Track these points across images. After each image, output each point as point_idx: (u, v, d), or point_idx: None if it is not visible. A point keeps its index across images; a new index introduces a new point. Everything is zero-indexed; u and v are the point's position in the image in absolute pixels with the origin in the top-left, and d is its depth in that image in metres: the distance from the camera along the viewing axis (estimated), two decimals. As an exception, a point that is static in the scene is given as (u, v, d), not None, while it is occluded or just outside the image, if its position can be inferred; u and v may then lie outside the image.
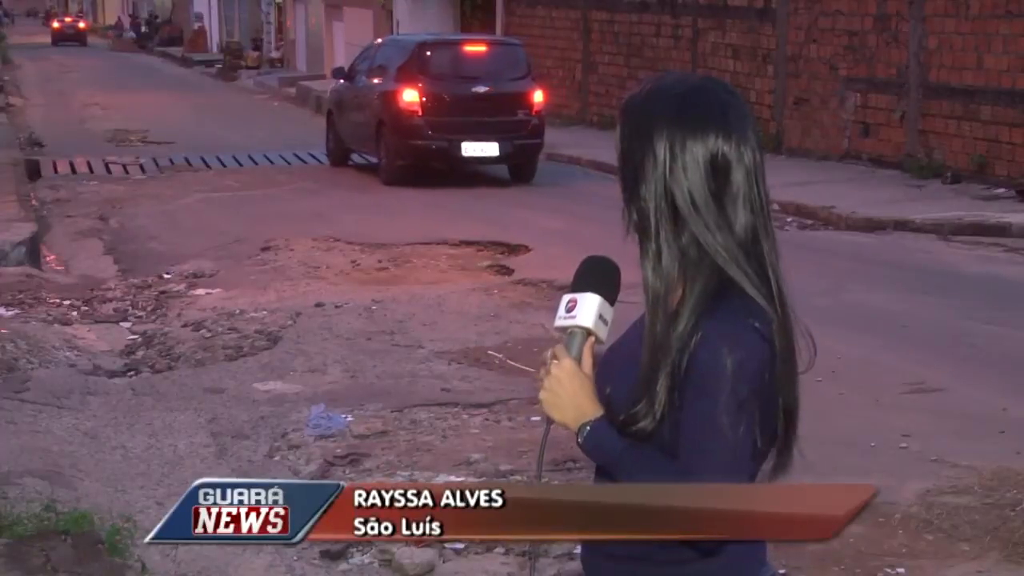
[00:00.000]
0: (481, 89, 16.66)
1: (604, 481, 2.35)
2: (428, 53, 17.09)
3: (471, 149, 16.34)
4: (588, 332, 2.30)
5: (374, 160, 17.57)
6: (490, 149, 16.36)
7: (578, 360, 2.30)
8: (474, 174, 17.06)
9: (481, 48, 17.68)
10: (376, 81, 17.54)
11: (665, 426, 2.23)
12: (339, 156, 18.63)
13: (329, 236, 13.15)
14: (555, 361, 2.28)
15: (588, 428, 2.28)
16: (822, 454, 6.32)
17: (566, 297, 2.32)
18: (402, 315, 9.62)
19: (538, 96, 16.98)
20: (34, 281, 11.23)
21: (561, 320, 2.31)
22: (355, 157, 18.69)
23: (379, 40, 19.78)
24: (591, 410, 2.28)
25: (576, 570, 2.57)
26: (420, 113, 16.43)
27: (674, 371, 2.22)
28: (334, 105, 18.81)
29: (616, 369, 2.32)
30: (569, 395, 2.28)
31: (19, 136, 22.22)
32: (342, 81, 18.92)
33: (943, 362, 8.23)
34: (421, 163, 16.67)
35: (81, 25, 62.73)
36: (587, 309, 2.29)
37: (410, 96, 16.49)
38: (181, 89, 34.37)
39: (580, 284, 2.33)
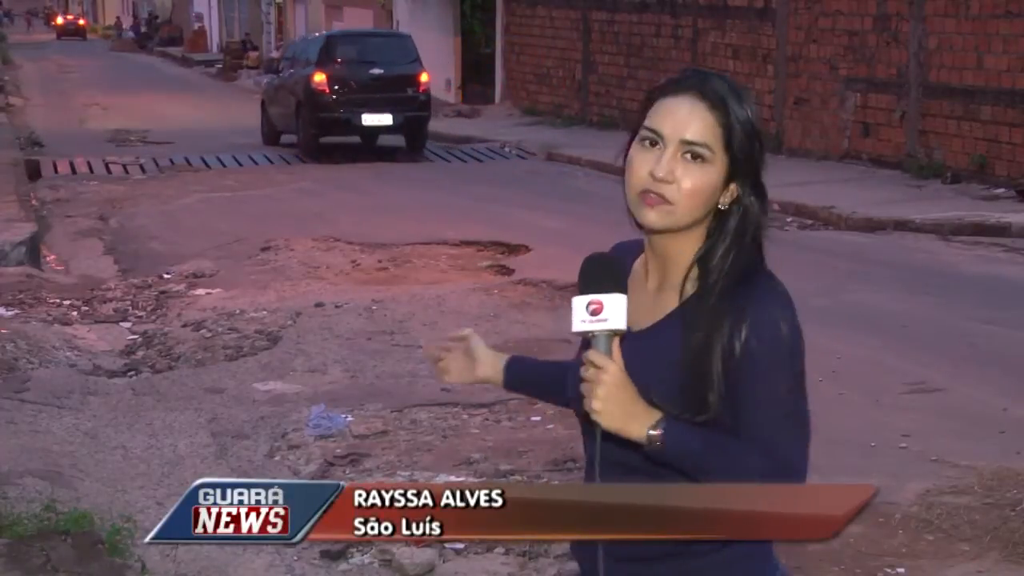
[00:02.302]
0: (377, 72, 20.22)
1: (616, 479, 2.34)
2: (335, 43, 20.94)
3: (370, 119, 19.98)
4: (615, 333, 2.26)
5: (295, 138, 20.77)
6: (385, 119, 20.02)
7: None
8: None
9: (378, 39, 21.94)
10: (296, 70, 21.01)
11: (725, 410, 2.28)
12: (271, 137, 21.88)
13: (329, 236, 13.15)
14: (598, 370, 2.23)
15: (663, 431, 2.25)
16: (822, 454, 6.31)
17: (585, 299, 2.26)
18: (402, 315, 9.62)
19: (424, 77, 20.62)
20: (34, 281, 11.22)
21: (586, 324, 2.26)
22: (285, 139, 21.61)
23: (298, 38, 23.48)
24: (647, 413, 2.26)
25: (576, 570, 2.56)
26: (328, 91, 19.94)
27: (725, 354, 2.26)
28: (266, 96, 22.25)
29: (648, 364, 2.30)
30: (623, 402, 2.24)
31: (19, 136, 22.22)
32: (273, 75, 22.46)
33: (943, 362, 8.23)
34: (329, 131, 20.10)
35: (81, 22, 70.93)
36: (617, 310, 2.25)
37: (320, 78, 19.99)
38: (181, 89, 34.37)
39: (595, 285, 2.28)
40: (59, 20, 71.47)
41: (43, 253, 12.87)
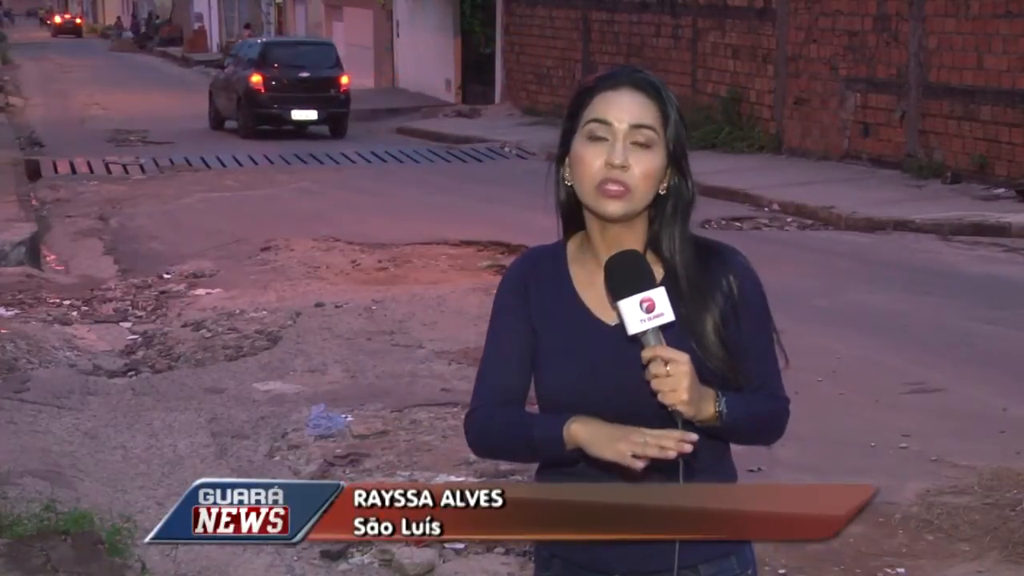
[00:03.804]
0: (305, 74, 23.78)
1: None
2: (270, 49, 24.70)
3: (298, 114, 23.42)
4: (664, 326, 2.29)
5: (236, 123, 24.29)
6: (311, 115, 23.48)
7: None
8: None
9: (306, 47, 25.86)
10: (238, 69, 24.45)
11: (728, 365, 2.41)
12: (216, 122, 25.14)
13: (329, 236, 13.14)
14: (676, 362, 2.25)
15: (725, 403, 2.34)
16: (822, 454, 6.33)
17: (634, 300, 2.28)
18: (402, 315, 9.61)
19: (344, 80, 24.11)
20: (34, 281, 11.23)
21: (645, 323, 2.27)
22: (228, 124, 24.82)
23: (239, 41, 28.38)
24: (708, 391, 2.32)
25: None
26: (264, 90, 23.43)
27: (723, 313, 2.39)
28: (213, 88, 25.67)
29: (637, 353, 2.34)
30: (697, 387, 2.29)
31: (19, 136, 22.23)
32: (220, 71, 26.21)
33: (943, 362, 8.23)
34: (264, 122, 23.43)
35: (78, 21, 75.93)
36: (664, 303, 2.28)
37: (257, 78, 23.45)
38: (181, 89, 34.35)
39: (635, 283, 2.31)
40: (57, 19, 76.26)
41: (43, 253, 12.86)
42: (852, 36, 17.41)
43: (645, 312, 2.27)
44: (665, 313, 2.27)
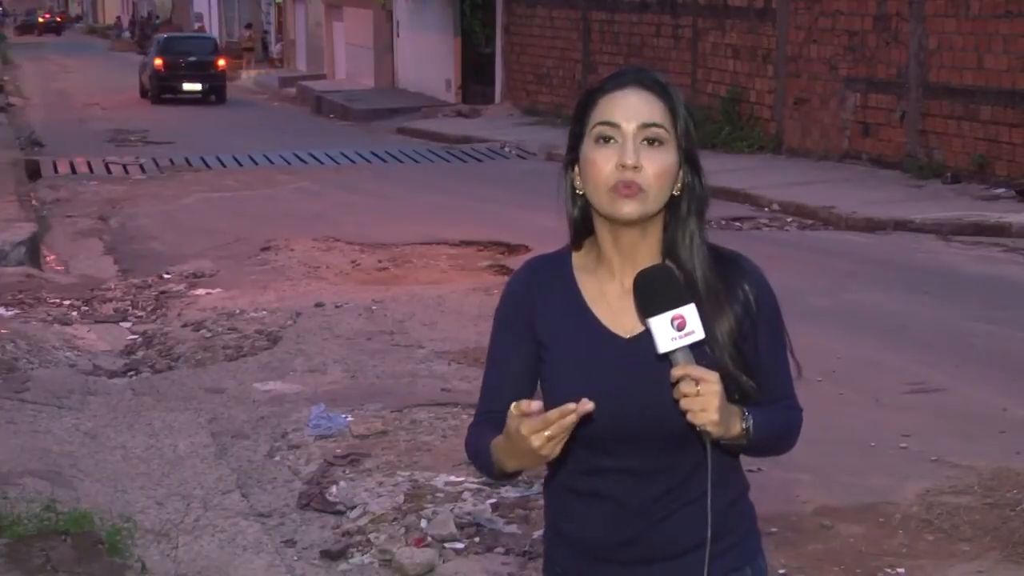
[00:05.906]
0: (192, 58, 33.22)
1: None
2: (168, 41, 34.48)
3: (188, 86, 32.71)
4: (696, 343, 2.23)
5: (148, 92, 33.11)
6: (197, 86, 32.83)
7: None
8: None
9: (194, 39, 36.32)
10: (149, 54, 34.36)
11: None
12: (143, 93, 33.73)
13: (329, 236, 13.15)
14: (707, 382, 2.18)
15: (751, 424, 2.29)
16: (822, 454, 6.32)
17: (666, 317, 2.21)
18: (402, 315, 9.61)
19: (221, 63, 33.85)
20: (34, 281, 11.23)
21: (676, 341, 2.20)
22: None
23: (155, 36, 38.00)
24: (735, 408, 2.27)
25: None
26: (163, 69, 32.76)
27: (741, 325, 2.34)
28: (140, 69, 35.20)
29: (656, 366, 2.27)
30: (726, 406, 2.22)
31: (19, 136, 22.24)
32: (144, 55, 35.63)
33: (943, 362, 8.23)
34: (166, 92, 32.33)
35: (59, 19, 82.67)
36: (695, 319, 2.22)
37: (159, 61, 32.88)
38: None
39: (666, 299, 2.23)
40: (40, 18, 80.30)
41: (43, 253, 12.86)
42: (852, 36, 17.41)
43: (676, 330, 2.20)
44: (696, 331, 2.21)
